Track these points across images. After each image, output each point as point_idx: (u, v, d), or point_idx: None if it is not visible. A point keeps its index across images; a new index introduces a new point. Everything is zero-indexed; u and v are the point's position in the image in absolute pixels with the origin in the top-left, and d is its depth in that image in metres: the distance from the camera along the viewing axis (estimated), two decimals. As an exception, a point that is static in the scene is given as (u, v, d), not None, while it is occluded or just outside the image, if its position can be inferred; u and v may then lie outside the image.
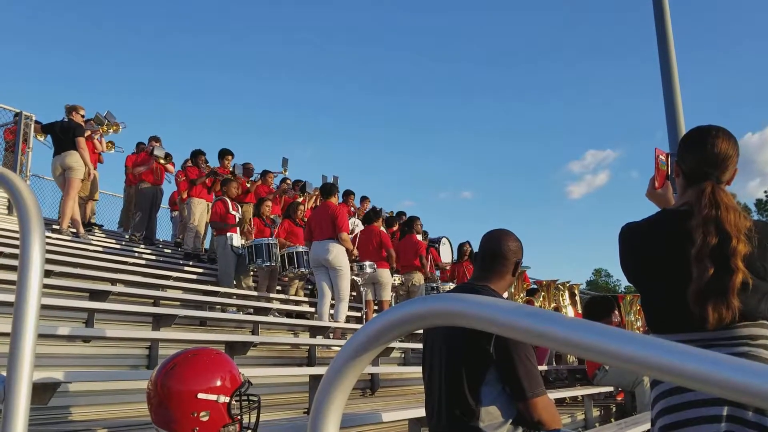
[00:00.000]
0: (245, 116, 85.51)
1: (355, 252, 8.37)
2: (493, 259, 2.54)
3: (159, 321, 5.50)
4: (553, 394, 5.64)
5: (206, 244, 10.59)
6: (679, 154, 2.12)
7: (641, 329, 8.89)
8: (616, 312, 7.86)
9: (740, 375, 0.57)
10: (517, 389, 2.28)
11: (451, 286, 10.36)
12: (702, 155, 2.04)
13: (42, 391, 3.02)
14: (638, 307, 9.32)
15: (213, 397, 2.36)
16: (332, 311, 7.81)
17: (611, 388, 6.87)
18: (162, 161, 10.40)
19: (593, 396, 6.56)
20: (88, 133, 9.06)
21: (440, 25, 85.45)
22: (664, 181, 2.33)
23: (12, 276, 5.14)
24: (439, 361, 2.45)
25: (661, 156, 2.34)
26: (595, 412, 6.50)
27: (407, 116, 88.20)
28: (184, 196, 10.03)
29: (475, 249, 9.36)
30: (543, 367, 7.72)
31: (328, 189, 8.22)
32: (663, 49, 6.48)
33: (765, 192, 47.60)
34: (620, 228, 2.15)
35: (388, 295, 8.73)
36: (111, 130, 10.29)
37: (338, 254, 7.65)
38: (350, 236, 8.28)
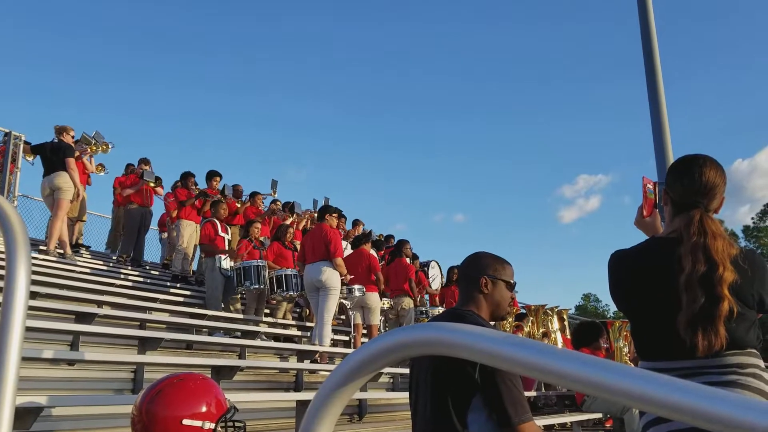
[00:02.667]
0: (237, 138, 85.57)
1: (347, 277, 8.35)
2: (462, 281, 2.58)
3: (145, 344, 5.44)
4: (542, 421, 5.61)
5: (194, 266, 10.53)
6: (668, 182, 2.15)
7: (629, 355, 8.88)
8: (605, 338, 7.85)
9: (726, 409, 0.57)
10: (503, 416, 2.27)
11: (441, 310, 10.33)
12: (690, 184, 2.07)
13: (24, 415, 2.98)
14: (627, 333, 9.32)
15: (198, 423, 2.33)
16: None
17: (600, 415, 6.85)
18: (152, 184, 10.39)
19: (582, 423, 6.54)
20: (77, 154, 9.04)
21: (433, 47, 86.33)
22: (652, 209, 2.36)
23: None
24: (424, 386, 2.43)
25: (648, 185, 2.37)
26: (584, 439, 6.47)
27: (401, 139, 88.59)
28: (173, 216, 10.00)
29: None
30: (532, 393, 7.69)
31: (323, 211, 8.27)
32: (650, 77, 6.57)
33: (752, 219, 48.02)
34: (609, 255, 2.17)
35: (376, 320, 8.70)
36: (100, 150, 10.26)
37: (331, 276, 7.71)
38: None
